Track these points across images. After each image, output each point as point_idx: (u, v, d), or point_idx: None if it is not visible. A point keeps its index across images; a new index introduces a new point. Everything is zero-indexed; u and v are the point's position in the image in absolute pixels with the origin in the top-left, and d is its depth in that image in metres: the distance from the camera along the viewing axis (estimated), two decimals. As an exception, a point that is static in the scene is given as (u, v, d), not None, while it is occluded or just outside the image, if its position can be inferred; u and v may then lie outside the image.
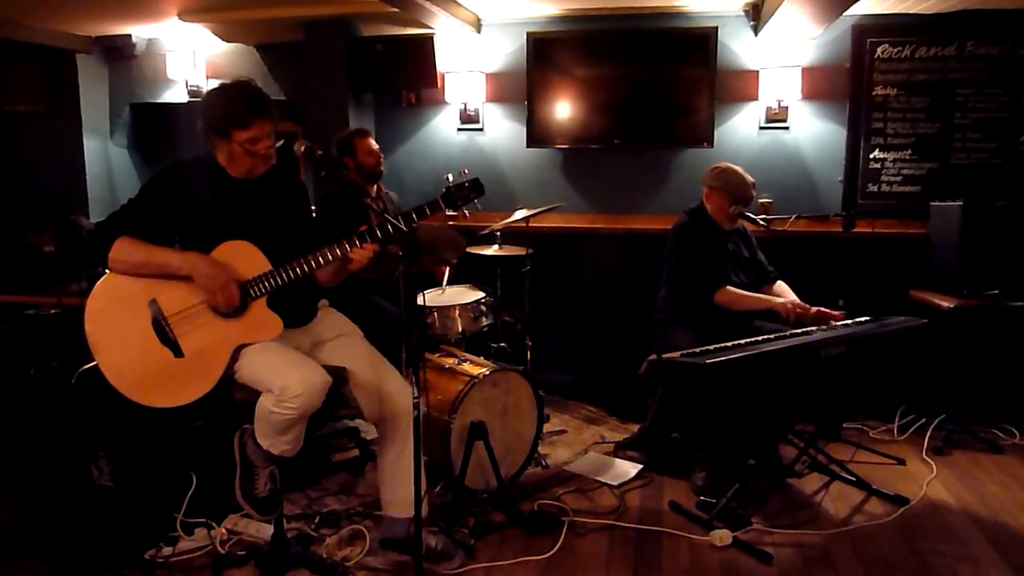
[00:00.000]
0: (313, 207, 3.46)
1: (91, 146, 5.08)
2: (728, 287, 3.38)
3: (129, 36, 4.95)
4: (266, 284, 2.37)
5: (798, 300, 3.37)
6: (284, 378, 2.25)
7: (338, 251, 2.37)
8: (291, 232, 2.51)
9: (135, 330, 2.32)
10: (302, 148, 2.36)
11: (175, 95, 5.09)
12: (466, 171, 2.42)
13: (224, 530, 2.79)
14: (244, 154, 2.37)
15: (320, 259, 2.37)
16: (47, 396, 2.79)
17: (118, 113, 5.24)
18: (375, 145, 3.82)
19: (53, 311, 3.40)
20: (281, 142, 2.46)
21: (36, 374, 2.86)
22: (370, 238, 2.37)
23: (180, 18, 4.38)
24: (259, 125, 2.34)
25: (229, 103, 2.35)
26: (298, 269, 2.37)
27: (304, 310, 2.58)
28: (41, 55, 4.92)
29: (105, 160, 5.21)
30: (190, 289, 2.34)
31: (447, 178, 2.42)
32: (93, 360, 2.36)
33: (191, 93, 5.00)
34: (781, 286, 3.61)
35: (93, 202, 5.03)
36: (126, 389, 2.31)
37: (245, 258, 2.38)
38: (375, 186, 3.88)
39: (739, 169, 3.47)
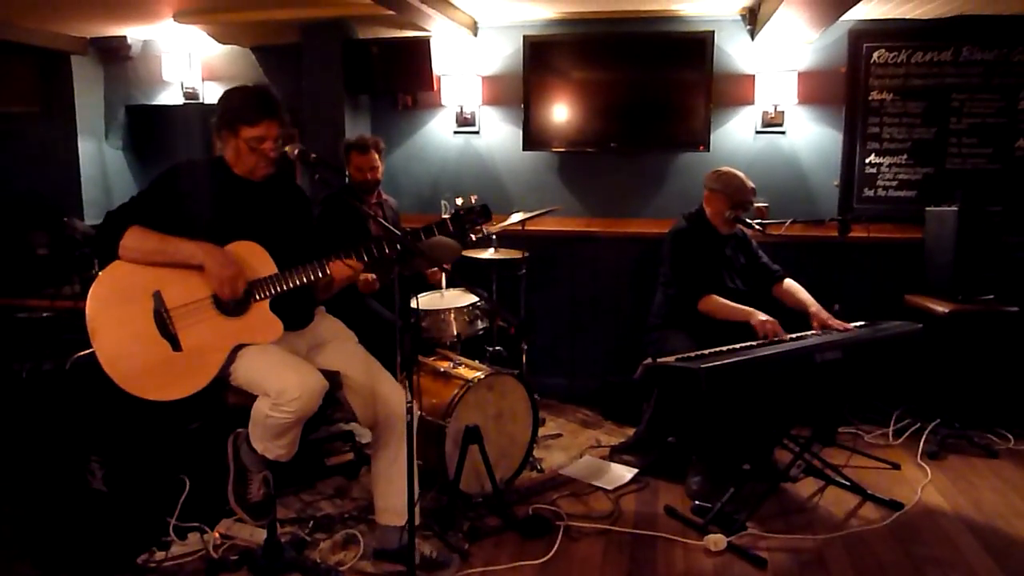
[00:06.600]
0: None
1: (86, 148, 5.06)
2: (712, 296, 3.35)
3: (124, 38, 4.94)
4: (272, 288, 2.38)
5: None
6: (281, 381, 2.25)
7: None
8: (294, 237, 2.52)
9: (136, 320, 2.32)
10: (295, 151, 2.38)
11: (170, 97, 5.07)
12: (475, 197, 2.45)
13: (217, 534, 2.77)
14: (248, 151, 2.41)
15: (328, 269, 2.40)
16: (39, 399, 2.78)
17: (113, 115, 5.21)
18: (374, 162, 3.77)
19: (46, 314, 3.39)
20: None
21: (28, 377, 2.84)
22: (376, 251, 2.40)
23: (175, 19, 4.37)
24: (266, 125, 2.39)
25: (243, 100, 2.41)
26: (305, 277, 2.39)
27: (302, 314, 2.58)
28: (36, 56, 4.90)
29: (100, 162, 5.19)
30: (195, 284, 2.34)
31: (456, 202, 2.44)
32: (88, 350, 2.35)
33: (186, 95, 4.98)
34: (791, 284, 3.53)
35: (88, 204, 5.00)
36: (120, 378, 2.30)
37: (253, 258, 2.39)
38: (375, 192, 3.87)
39: (740, 174, 3.48)
